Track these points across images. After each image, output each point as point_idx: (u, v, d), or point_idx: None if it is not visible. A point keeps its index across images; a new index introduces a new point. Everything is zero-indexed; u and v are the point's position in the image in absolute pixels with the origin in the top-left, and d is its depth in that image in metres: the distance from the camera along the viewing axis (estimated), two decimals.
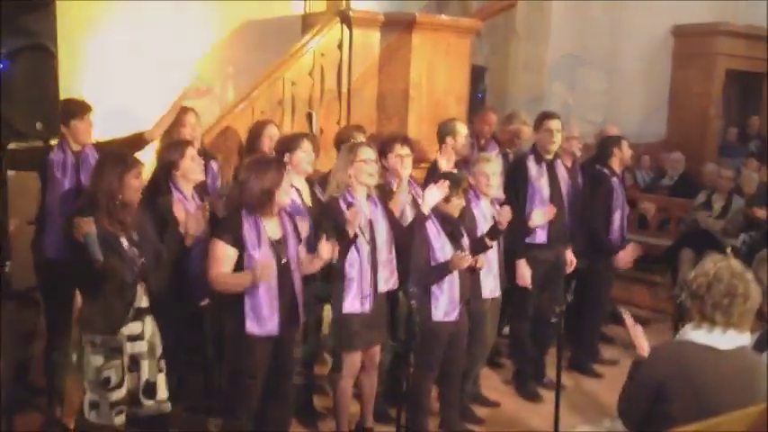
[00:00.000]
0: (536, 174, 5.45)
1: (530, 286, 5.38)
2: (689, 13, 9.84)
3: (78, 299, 3.98)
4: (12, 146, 3.94)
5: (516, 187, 5.44)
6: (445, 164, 5.08)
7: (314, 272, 4.20)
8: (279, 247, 3.90)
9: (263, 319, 3.84)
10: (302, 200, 4.59)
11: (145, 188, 3.98)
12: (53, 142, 4.52)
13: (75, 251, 3.63)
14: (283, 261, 3.91)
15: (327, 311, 4.76)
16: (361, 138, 5.19)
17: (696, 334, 3.01)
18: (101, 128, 4.93)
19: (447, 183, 4.49)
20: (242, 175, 4.00)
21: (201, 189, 4.52)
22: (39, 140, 4.25)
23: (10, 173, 4.37)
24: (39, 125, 3.99)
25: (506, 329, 6.29)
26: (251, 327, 3.84)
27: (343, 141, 5.10)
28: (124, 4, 6.06)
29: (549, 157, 5.51)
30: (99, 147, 4.73)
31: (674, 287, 7.07)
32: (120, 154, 3.97)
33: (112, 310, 3.70)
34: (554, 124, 5.45)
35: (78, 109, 4.60)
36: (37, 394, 4.66)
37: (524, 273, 5.36)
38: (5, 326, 4.15)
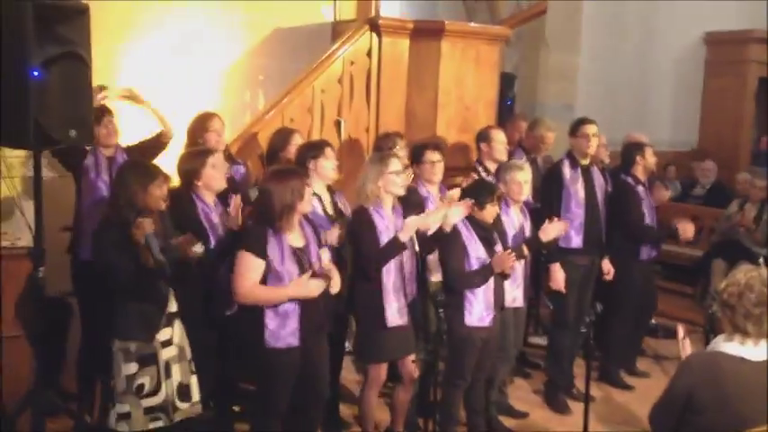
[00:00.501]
0: (571, 179, 5.44)
1: (563, 290, 5.32)
2: (721, 20, 9.75)
3: None
4: None
5: (551, 193, 5.43)
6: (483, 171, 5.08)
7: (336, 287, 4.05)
8: (301, 255, 3.88)
9: (283, 332, 3.81)
10: (323, 207, 4.58)
11: (169, 196, 4.00)
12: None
13: (114, 254, 3.64)
14: (307, 269, 3.87)
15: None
16: (401, 144, 5.20)
17: (728, 345, 2.98)
18: (131, 134, 4.99)
19: (470, 201, 4.49)
20: (264, 185, 3.94)
21: (225, 197, 4.50)
22: (73, 145, 4.34)
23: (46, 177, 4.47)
24: (73, 132, 4.06)
25: (534, 339, 6.28)
26: (270, 339, 3.80)
27: (383, 147, 5.12)
28: (154, 13, 6.12)
29: (585, 162, 5.48)
30: (128, 150, 4.80)
31: (705, 298, 6.98)
32: (142, 164, 3.99)
33: (148, 316, 3.72)
34: (590, 129, 5.45)
35: (96, 114, 4.65)
36: (68, 399, 4.69)
37: (558, 276, 5.31)
38: (39, 331, 4.23)
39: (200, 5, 6.34)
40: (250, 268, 3.78)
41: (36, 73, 3.85)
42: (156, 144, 4.94)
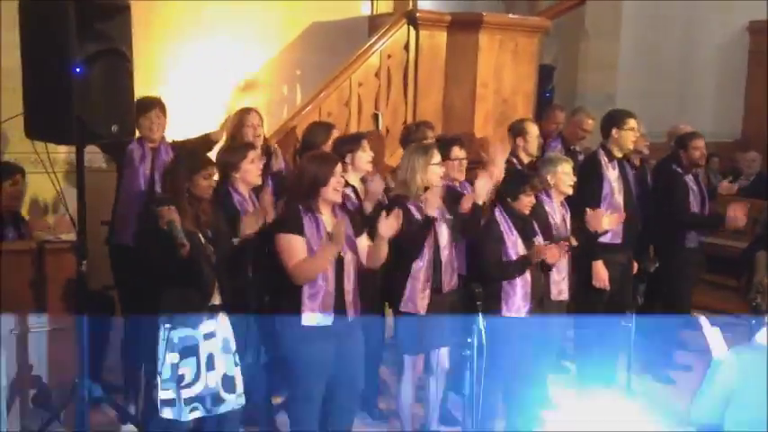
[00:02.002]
0: (609, 172, 5.34)
1: (608, 287, 5.25)
2: (765, 8, 9.54)
3: None
4: None
5: (591, 186, 5.29)
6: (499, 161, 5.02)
7: (380, 261, 4.10)
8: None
9: (317, 311, 3.85)
10: (357, 197, 4.61)
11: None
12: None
13: (155, 243, 3.69)
14: (340, 255, 3.91)
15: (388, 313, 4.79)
16: (430, 135, 5.18)
17: None
18: (169, 129, 5.05)
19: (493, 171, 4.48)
20: (298, 166, 4.06)
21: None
22: (114, 141, 4.40)
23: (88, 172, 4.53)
24: (114, 127, 4.12)
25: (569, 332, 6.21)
26: (305, 319, 3.85)
27: (411, 138, 5.10)
28: (194, 11, 6.18)
29: (620, 155, 5.41)
30: (174, 145, 4.87)
31: (749, 290, 6.87)
32: (192, 154, 4.06)
33: (191, 306, 3.76)
34: (633, 123, 5.36)
35: (140, 106, 4.72)
36: (111, 391, 4.76)
37: (602, 274, 5.23)
38: (83, 323, 4.30)
39: (238, 2, 6.38)
40: (294, 248, 3.83)
41: (78, 69, 3.91)
42: (203, 145, 5.00)
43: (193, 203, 3.79)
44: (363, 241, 4.11)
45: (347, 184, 4.29)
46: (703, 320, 3.32)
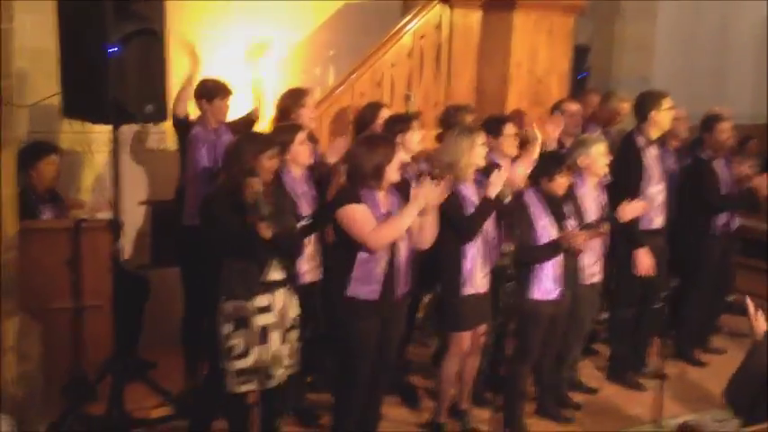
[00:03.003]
0: (649, 155, 5.26)
1: (652, 274, 5.16)
2: None
3: None
4: None
5: (629, 169, 5.20)
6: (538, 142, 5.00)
7: (430, 236, 4.06)
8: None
9: (365, 285, 3.87)
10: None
11: None
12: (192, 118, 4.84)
13: (231, 219, 3.71)
14: None
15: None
16: (470, 119, 5.17)
17: None
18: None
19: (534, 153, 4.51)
20: (353, 150, 4.03)
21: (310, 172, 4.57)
22: (148, 122, 4.46)
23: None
24: (149, 107, 4.17)
25: (604, 315, 6.17)
26: (352, 290, 3.87)
27: (450, 120, 5.10)
28: None
29: (655, 137, 5.32)
30: (230, 126, 4.94)
31: None
32: (256, 134, 4.09)
33: (247, 278, 3.79)
34: (669, 102, 5.26)
35: (223, 89, 4.88)
36: (145, 367, 4.84)
37: (646, 262, 5.13)
38: (119, 301, 4.37)
39: None
40: (362, 217, 3.83)
41: (114, 49, 3.95)
42: (247, 122, 5.13)
43: (255, 182, 3.79)
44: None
45: None
46: (749, 302, 3.28)
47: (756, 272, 7.51)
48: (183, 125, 4.86)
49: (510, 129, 4.89)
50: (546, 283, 4.52)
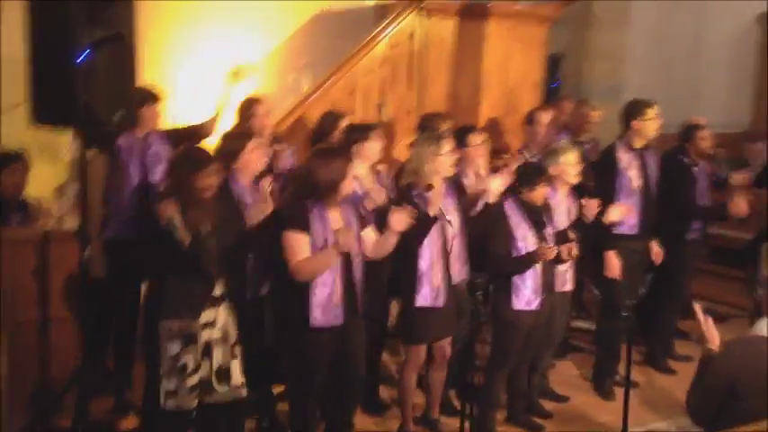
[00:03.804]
0: (627, 165, 5.32)
1: (618, 277, 5.22)
2: None
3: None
4: None
5: (606, 177, 5.30)
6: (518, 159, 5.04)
7: (386, 253, 4.11)
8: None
9: (327, 310, 3.84)
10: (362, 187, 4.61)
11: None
12: None
13: (156, 236, 3.70)
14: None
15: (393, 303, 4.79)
16: (446, 126, 5.18)
17: None
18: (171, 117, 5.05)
19: (510, 169, 4.47)
20: (308, 163, 3.99)
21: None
22: (118, 128, 4.41)
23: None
24: (118, 113, 4.13)
25: (576, 323, 6.22)
26: (315, 318, 3.82)
27: (427, 129, 5.11)
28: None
29: (639, 146, 5.37)
30: (163, 133, 4.85)
31: (753, 282, 6.84)
32: (195, 151, 4.02)
33: (192, 296, 3.77)
34: (653, 112, 5.32)
35: (148, 96, 4.73)
36: (113, 378, 4.78)
37: (614, 264, 5.20)
38: (85, 312, 4.32)
39: None
40: (298, 246, 3.80)
41: (84, 55, 3.92)
42: (194, 136, 4.97)
43: (196, 199, 3.78)
44: (369, 233, 4.11)
45: None
46: (697, 308, 3.28)
47: (726, 279, 7.59)
48: (107, 136, 4.67)
49: (476, 139, 4.87)
50: (526, 293, 4.53)
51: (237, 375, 3.93)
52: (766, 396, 2.88)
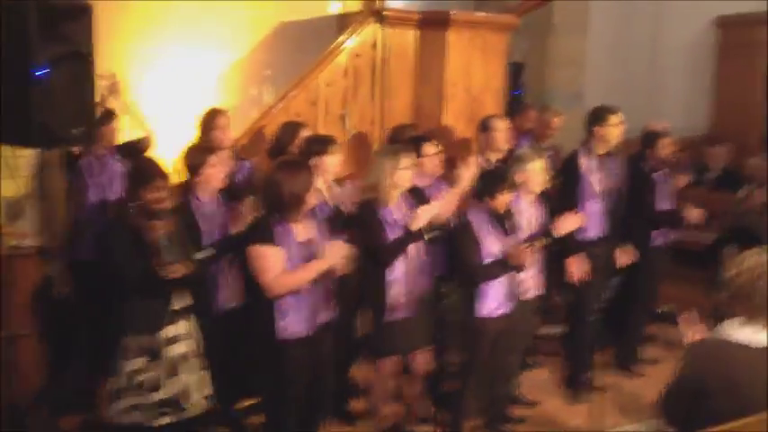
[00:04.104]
0: (588, 170, 5.36)
1: (576, 283, 5.25)
2: (733, 3, 9.63)
3: None
4: None
5: (569, 183, 5.35)
6: (479, 162, 5.03)
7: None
8: (309, 248, 3.86)
9: (296, 322, 3.82)
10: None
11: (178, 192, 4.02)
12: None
13: (113, 255, 3.67)
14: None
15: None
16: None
17: (739, 331, 2.96)
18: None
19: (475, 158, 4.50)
20: (271, 176, 3.91)
21: (228, 191, 4.54)
22: (77, 145, 4.37)
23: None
24: (76, 131, 4.09)
25: (543, 330, 6.23)
26: (284, 330, 3.80)
27: (397, 140, 5.12)
28: (160, 10, 6.13)
29: (602, 151, 5.42)
30: (118, 149, 4.84)
31: (715, 284, 6.93)
32: (142, 167, 3.99)
33: (151, 312, 3.75)
34: (619, 118, 5.37)
35: (105, 115, 4.74)
36: (79, 396, 4.72)
37: (575, 270, 5.23)
38: (49, 329, 4.27)
39: (205, 3, 6.34)
40: (271, 260, 3.72)
41: (39, 72, 3.87)
42: (138, 148, 5.01)
43: (148, 214, 3.74)
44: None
45: None
46: (683, 318, 3.32)
47: (688, 281, 7.68)
48: (68, 158, 4.70)
49: (429, 148, 4.86)
50: (492, 300, 4.55)
51: (207, 388, 3.91)
52: (731, 397, 2.91)
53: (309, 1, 6.92)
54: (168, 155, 4.87)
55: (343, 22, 6.78)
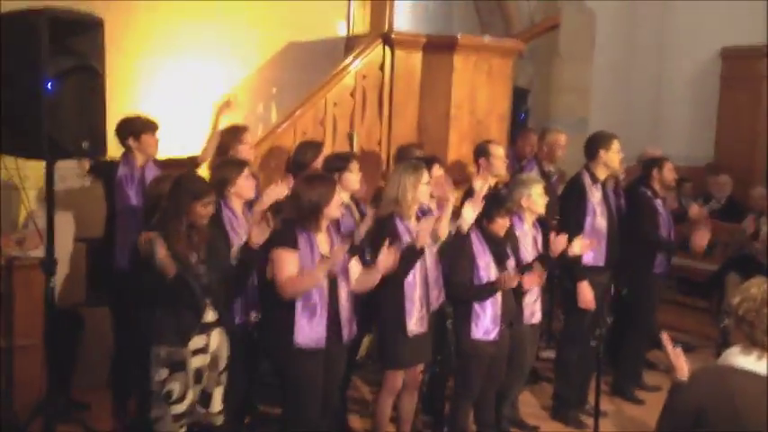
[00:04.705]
0: (593, 195, 5.34)
1: (593, 308, 5.23)
2: (738, 35, 9.69)
3: None
4: None
5: (575, 209, 5.30)
6: (480, 185, 5.05)
7: (369, 287, 4.17)
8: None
9: (311, 333, 3.89)
10: (352, 216, 4.68)
11: None
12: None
13: (146, 265, 3.68)
14: (333, 276, 3.96)
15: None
16: (418, 154, 5.24)
17: (743, 359, 2.94)
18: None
19: (480, 199, 4.50)
20: (294, 188, 4.07)
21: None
22: (85, 159, 4.39)
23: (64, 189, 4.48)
24: (85, 144, 4.11)
25: (545, 353, 6.23)
26: (299, 339, 3.88)
27: (403, 158, 5.13)
28: (169, 29, 6.18)
29: (603, 177, 5.41)
30: (158, 163, 4.85)
31: (719, 312, 6.93)
32: (194, 179, 3.99)
33: (182, 324, 3.75)
34: (618, 144, 5.38)
35: (150, 124, 4.80)
36: (79, 408, 4.72)
37: (587, 295, 5.20)
38: (51, 340, 4.26)
39: (215, 21, 6.40)
40: (287, 262, 3.88)
41: (49, 85, 3.90)
42: (190, 164, 5.01)
43: (189, 227, 3.76)
44: (353, 265, 4.15)
45: None
46: (665, 338, 3.29)
47: (691, 310, 7.69)
48: (106, 167, 4.72)
49: (436, 171, 4.89)
50: (485, 323, 4.55)
51: (218, 403, 3.91)
52: (735, 425, 2.90)
53: (318, 22, 6.96)
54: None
55: (351, 44, 6.84)
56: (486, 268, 4.54)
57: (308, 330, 3.89)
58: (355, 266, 4.17)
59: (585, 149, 5.47)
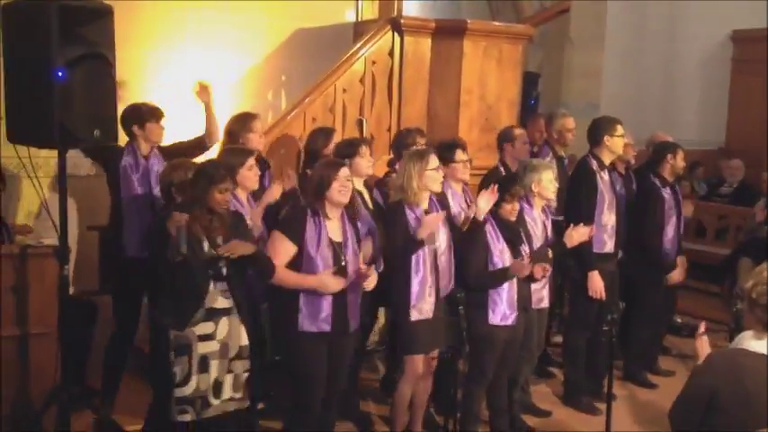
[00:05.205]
0: (600, 179, 5.30)
1: (603, 297, 5.22)
2: (748, 17, 9.63)
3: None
4: None
5: (585, 195, 5.26)
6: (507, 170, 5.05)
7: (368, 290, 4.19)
8: (338, 248, 3.97)
9: (316, 317, 3.93)
10: (364, 202, 4.65)
11: None
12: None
13: (157, 245, 3.69)
14: (342, 263, 3.98)
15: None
16: (422, 142, 5.19)
17: (756, 343, 2.94)
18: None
19: (495, 187, 4.49)
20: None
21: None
22: (96, 146, 4.39)
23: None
24: (96, 132, 4.10)
25: (557, 338, 6.22)
26: (303, 323, 3.92)
27: (403, 144, 5.11)
28: (178, 17, 6.17)
29: (608, 162, 5.38)
30: (163, 150, 4.83)
31: (732, 296, 6.91)
32: (215, 165, 4.01)
33: (182, 307, 3.76)
34: (621, 129, 5.34)
35: (155, 112, 4.77)
36: (93, 396, 4.74)
37: (599, 285, 5.20)
38: (65, 329, 4.28)
39: (223, 8, 6.38)
40: (281, 250, 3.92)
41: (60, 73, 3.89)
42: (197, 147, 4.97)
43: (207, 212, 3.77)
44: (368, 247, 4.22)
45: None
46: (701, 327, 3.30)
47: (704, 294, 7.67)
48: (105, 151, 4.66)
49: (460, 155, 4.88)
50: (502, 308, 4.54)
51: (228, 390, 3.90)
52: (747, 409, 2.90)
53: (326, 8, 6.94)
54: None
55: (360, 30, 6.82)
56: (501, 255, 4.52)
57: (312, 316, 3.93)
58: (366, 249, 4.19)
59: (589, 135, 5.44)
